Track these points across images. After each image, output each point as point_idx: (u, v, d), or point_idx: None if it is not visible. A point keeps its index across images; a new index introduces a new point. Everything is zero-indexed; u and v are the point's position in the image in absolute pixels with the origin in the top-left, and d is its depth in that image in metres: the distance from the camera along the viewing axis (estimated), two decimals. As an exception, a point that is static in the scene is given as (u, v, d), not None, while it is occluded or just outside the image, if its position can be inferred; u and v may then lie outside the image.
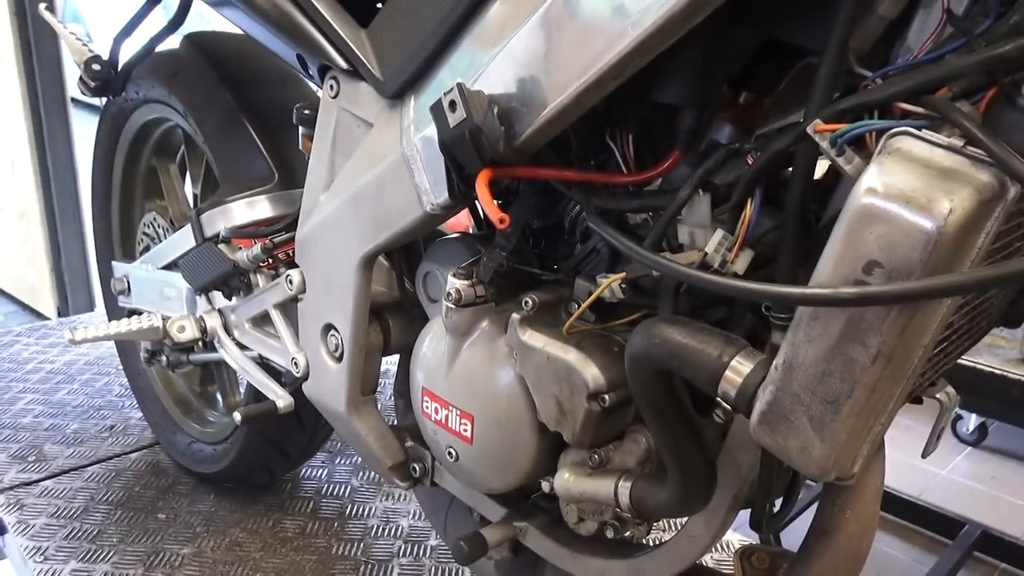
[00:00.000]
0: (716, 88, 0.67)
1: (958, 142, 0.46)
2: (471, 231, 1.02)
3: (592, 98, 0.64)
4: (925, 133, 0.47)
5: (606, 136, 0.74)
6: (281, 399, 1.10)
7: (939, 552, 2.03)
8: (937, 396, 0.72)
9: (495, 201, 0.67)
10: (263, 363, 1.19)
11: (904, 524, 2.19)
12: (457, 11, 0.72)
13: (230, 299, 1.21)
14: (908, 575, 1.97)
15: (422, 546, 1.45)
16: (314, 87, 1.07)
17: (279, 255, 1.09)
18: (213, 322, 1.25)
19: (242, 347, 1.23)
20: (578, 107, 0.65)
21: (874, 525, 0.70)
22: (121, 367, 1.83)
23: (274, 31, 0.93)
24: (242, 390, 1.59)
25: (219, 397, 1.65)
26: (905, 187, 0.45)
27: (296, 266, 1.02)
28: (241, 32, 1.07)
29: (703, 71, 0.64)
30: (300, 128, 0.99)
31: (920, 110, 0.48)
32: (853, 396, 0.50)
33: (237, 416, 1.11)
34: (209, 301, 1.27)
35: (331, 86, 0.91)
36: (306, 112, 0.98)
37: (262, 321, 1.18)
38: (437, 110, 0.69)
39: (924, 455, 0.74)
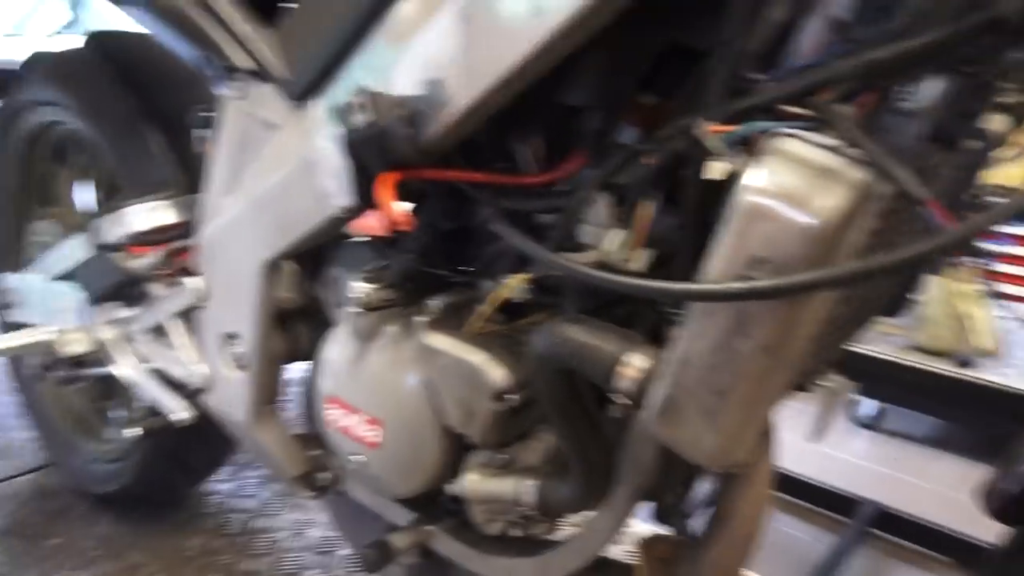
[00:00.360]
0: (621, 90, 0.68)
1: (837, 143, 0.48)
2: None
3: (498, 100, 0.64)
4: (807, 134, 0.49)
5: (513, 138, 0.74)
6: (181, 412, 1.06)
7: (837, 530, 2.14)
8: (825, 384, 0.75)
9: (403, 203, 0.67)
10: (164, 375, 1.14)
11: (806, 506, 2.29)
12: (363, 12, 0.71)
13: (128, 310, 1.15)
14: (810, 554, 2.06)
15: (333, 556, 1.42)
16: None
17: (179, 262, 1.04)
18: (109, 334, 1.19)
19: (141, 359, 1.17)
20: (485, 109, 0.65)
21: (766, 508, 0.73)
22: (9, 384, 1.71)
23: (177, 31, 0.89)
24: (142, 404, 1.52)
25: (117, 413, 1.57)
26: (787, 186, 0.47)
27: (196, 273, 0.98)
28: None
29: (608, 73, 0.65)
30: (202, 131, 0.96)
31: (804, 112, 0.50)
32: (740, 387, 0.51)
33: (134, 432, 1.06)
34: (106, 312, 1.21)
35: (235, 87, 0.88)
36: (208, 115, 0.94)
37: (161, 332, 1.13)
38: (342, 112, 0.67)
39: (811, 440, 0.77)
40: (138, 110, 1.20)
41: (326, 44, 0.74)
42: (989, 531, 0.75)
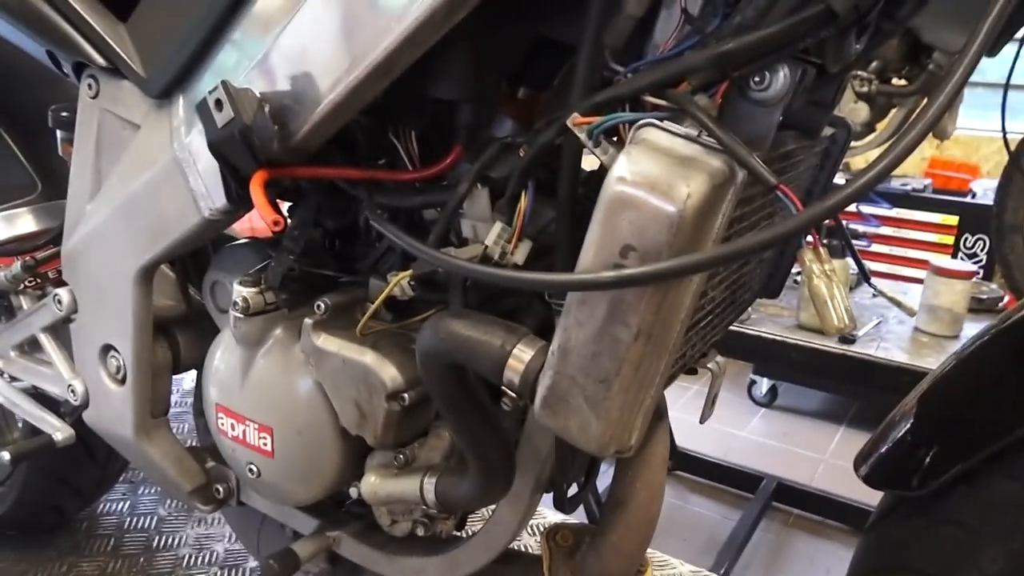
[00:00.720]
0: (490, 83, 0.69)
1: (694, 132, 0.49)
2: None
3: (366, 94, 0.63)
4: (667, 124, 0.50)
5: (391, 133, 0.73)
6: (59, 431, 1.00)
7: (742, 506, 2.23)
8: (708, 366, 0.78)
9: (277, 203, 0.65)
10: (38, 394, 1.07)
11: (710, 484, 2.37)
12: (223, 2, 0.69)
13: (-10, 327, 1.08)
14: (717, 531, 2.14)
15: (240, 570, 1.38)
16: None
17: (45, 273, 0.98)
18: (-28, 353, 1.11)
19: (11, 378, 1.10)
20: (353, 103, 0.64)
21: (663, 490, 0.75)
22: None
23: (17, 24, 0.83)
24: (20, 425, 1.43)
25: (-8, 436, 1.47)
26: (650, 175, 0.48)
27: (65, 284, 0.93)
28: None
29: (475, 66, 0.65)
30: (58, 132, 0.90)
31: (663, 103, 0.52)
32: (621, 373, 0.52)
33: (5, 455, 0.99)
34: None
35: (89, 85, 0.83)
36: (63, 114, 0.89)
37: (31, 347, 1.06)
38: (203, 109, 0.65)
39: (701, 420, 0.80)
40: None
41: (185, 36, 0.71)
42: (878, 497, 0.79)
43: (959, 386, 0.74)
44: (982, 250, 3.35)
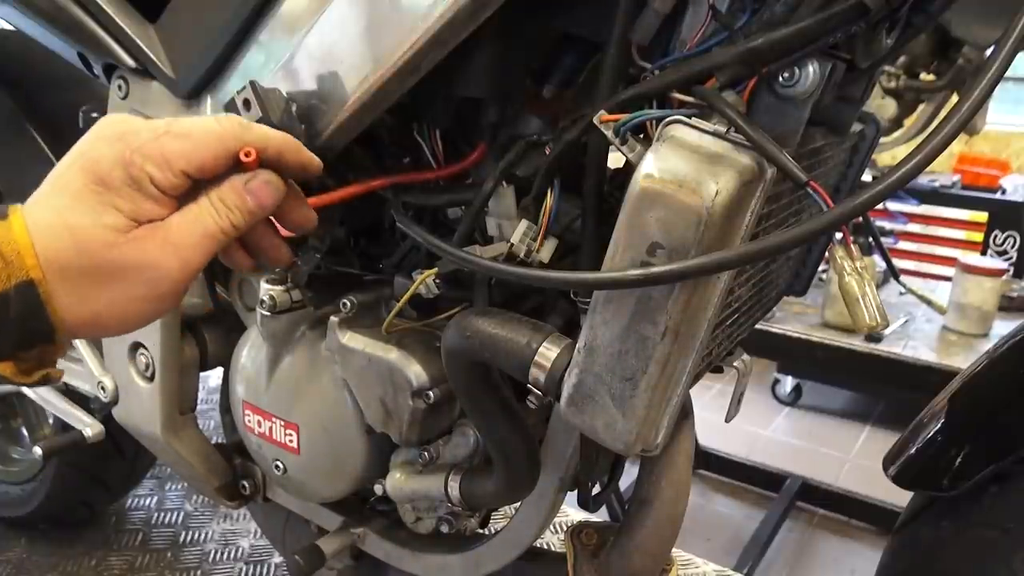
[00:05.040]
0: (515, 81, 0.69)
1: (722, 128, 0.49)
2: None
3: (392, 94, 0.63)
4: (695, 121, 0.50)
5: (416, 132, 0.73)
6: (89, 427, 1.01)
7: (766, 506, 2.21)
8: (734, 364, 0.77)
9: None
10: (69, 390, 1.09)
11: (734, 483, 2.36)
12: (250, 4, 0.69)
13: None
14: (740, 530, 2.13)
15: (265, 565, 1.39)
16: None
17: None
18: (5, 350, 1.13)
19: (43, 374, 1.12)
20: (379, 103, 0.64)
21: (688, 489, 0.74)
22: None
23: (50, 27, 0.85)
24: (51, 421, 1.45)
25: (24, 431, 1.49)
26: (678, 172, 0.48)
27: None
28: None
29: (500, 65, 0.65)
30: (89, 132, 0.91)
31: (691, 99, 0.51)
32: (648, 371, 0.52)
33: (38, 450, 1.01)
34: None
35: (119, 86, 0.84)
36: (94, 115, 0.90)
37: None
38: (231, 109, 0.65)
39: (727, 419, 0.79)
40: (19, 112, 1.14)
41: (213, 38, 0.71)
42: (905, 498, 0.79)
43: (991, 386, 0.73)
44: (1012, 247, 3.29)
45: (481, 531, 0.92)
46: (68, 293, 0.46)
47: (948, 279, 2.28)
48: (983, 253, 3.30)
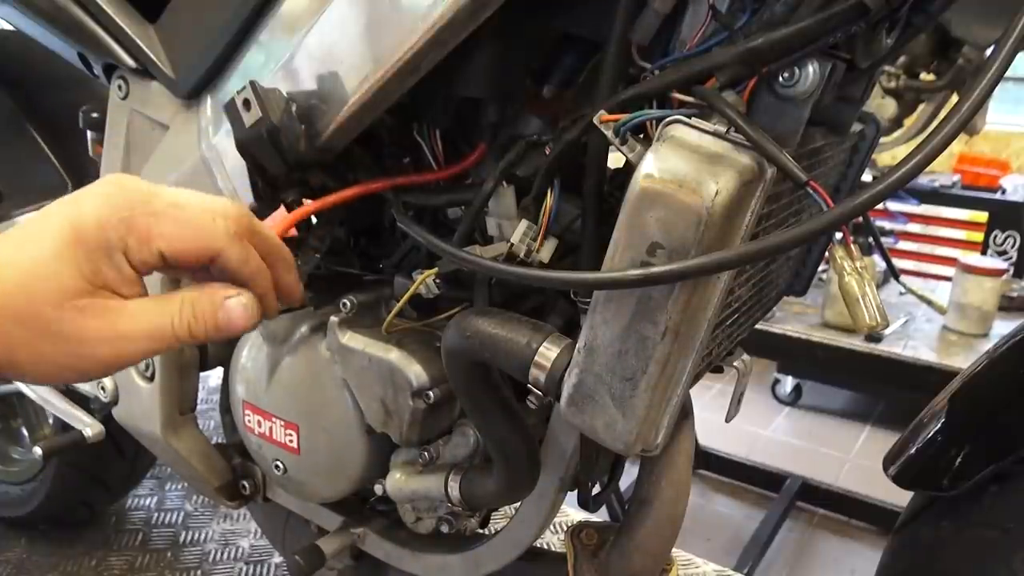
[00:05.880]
0: (515, 81, 0.69)
1: (722, 128, 0.49)
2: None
3: (392, 94, 0.63)
4: (695, 121, 0.50)
5: (416, 132, 0.73)
6: (89, 427, 1.01)
7: (766, 506, 2.21)
8: (734, 364, 0.77)
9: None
10: (69, 390, 1.09)
11: (734, 483, 2.36)
12: (250, 4, 0.69)
13: None
14: (740, 530, 2.13)
15: (265, 565, 1.39)
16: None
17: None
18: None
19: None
20: (379, 103, 0.64)
21: (688, 489, 0.74)
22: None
23: (50, 27, 0.85)
24: (51, 421, 1.45)
25: (24, 431, 1.49)
26: (678, 172, 0.48)
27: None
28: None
29: (500, 65, 0.65)
30: (88, 132, 0.92)
31: (691, 99, 0.52)
32: (648, 371, 0.52)
33: (38, 451, 1.01)
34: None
35: (119, 86, 0.85)
36: (94, 115, 0.90)
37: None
38: (231, 109, 0.65)
39: (727, 419, 0.79)
40: (19, 112, 1.14)
41: (213, 38, 0.71)
42: (905, 498, 0.79)
43: (991, 386, 0.73)
44: (1012, 247, 3.29)
45: (481, 531, 0.92)
46: None
47: (948, 279, 2.28)
48: (983, 253, 3.30)
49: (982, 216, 3.35)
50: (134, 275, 0.47)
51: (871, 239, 1.72)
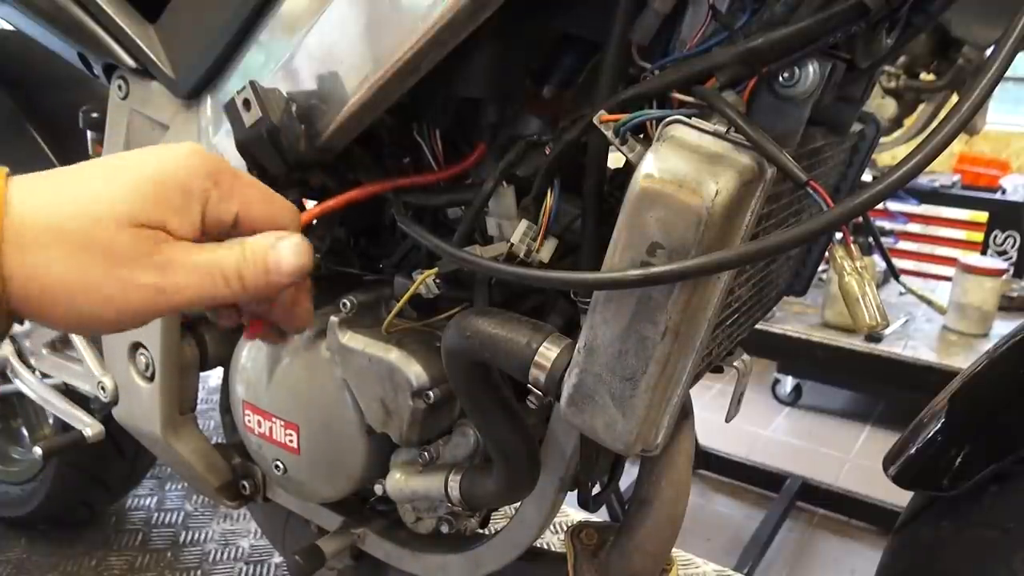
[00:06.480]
0: (515, 81, 0.69)
1: (722, 128, 0.49)
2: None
3: (392, 94, 0.63)
4: (695, 121, 0.50)
5: (416, 132, 0.73)
6: (89, 427, 1.01)
7: (766, 506, 2.22)
8: (734, 364, 0.77)
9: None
10: (68, 390, 1.09)
11: (734, 483, 2.36)
12: (250, 4, 0.69)
13: (22, 323, 1.09)
14: (740, 530, 2.13)
15: (265, 565, 1.39)
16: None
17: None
18: (4, 350, 1.13)
19: (42, 375, 1.12)
20: (379, 103, 0.64)
21: (688, 489, 0.74)
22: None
23: (50, 28, 0.85)
24: (52, 421, 1.45)
25: (24, 431, 1.49)
26: (678, 172, 0.48)
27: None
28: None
29: (499, 65, 0.65)
30: (88, 132, 0.92)
31: (691, 99, 0.51)
32: (648, 371, 0.52)
33: (38, 451, 1.01)
34: None
35: (119, 86, 0.85)
36: (93, 115, 0.90)
37: (62, 344, 1.08)
38: (231, 109, 0.65)
39: (727, 419, 0.79)
40: (19, 112, 1.14)
41: (213, 38, 0.71)
42: (905, 498, 0.79)
43: (991, 386, 0.73)
44: (1012, 247, 3.29)
45: (481, 531, 0.92)
46: (23, 262, 0.43)
47: (948, 279, 2.28)
48: (983, 253, 3.30)
49: (982, 216, 3.35)
50: (199, 230, 0.47)
51: (871, 239, 1.71)
